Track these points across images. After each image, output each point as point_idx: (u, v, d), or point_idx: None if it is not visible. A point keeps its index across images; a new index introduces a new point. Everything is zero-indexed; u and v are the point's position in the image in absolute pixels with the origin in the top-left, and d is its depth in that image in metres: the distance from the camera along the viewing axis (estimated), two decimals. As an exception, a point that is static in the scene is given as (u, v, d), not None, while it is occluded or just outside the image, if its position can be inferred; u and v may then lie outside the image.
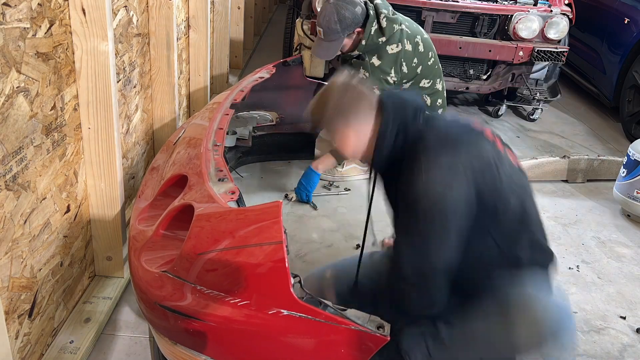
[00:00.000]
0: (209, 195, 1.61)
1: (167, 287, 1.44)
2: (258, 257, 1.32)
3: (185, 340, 1.42)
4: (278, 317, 1.30)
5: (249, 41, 5.55)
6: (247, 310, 1.32)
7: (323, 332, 1.29)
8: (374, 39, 2.74)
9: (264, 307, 1.31)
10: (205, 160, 1.83)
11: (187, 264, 1.42)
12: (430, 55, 2.87)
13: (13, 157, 1.40)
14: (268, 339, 1.34)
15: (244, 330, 1.34)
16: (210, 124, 2.15)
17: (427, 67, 2.87)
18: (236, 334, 1.35)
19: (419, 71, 2.84)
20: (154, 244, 1.67)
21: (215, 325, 1.34)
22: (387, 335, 1.27)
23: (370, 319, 1.29)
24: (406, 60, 2.79)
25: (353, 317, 1.29)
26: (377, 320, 1.28)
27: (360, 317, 1.29)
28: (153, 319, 1.51)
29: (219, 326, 1.35)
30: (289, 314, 1.29)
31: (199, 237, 1.45)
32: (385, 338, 1.26)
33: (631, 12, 4.40)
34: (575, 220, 3.02)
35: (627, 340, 2.15)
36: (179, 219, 1.69)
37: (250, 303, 1.32)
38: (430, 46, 2.89)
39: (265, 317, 1.31)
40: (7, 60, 1.34)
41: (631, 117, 4.23)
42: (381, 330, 1.27)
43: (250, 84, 2.80)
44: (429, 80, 2.89)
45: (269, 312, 1.30)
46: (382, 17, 2.72)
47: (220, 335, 1.36)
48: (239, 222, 1.45)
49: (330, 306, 1.31)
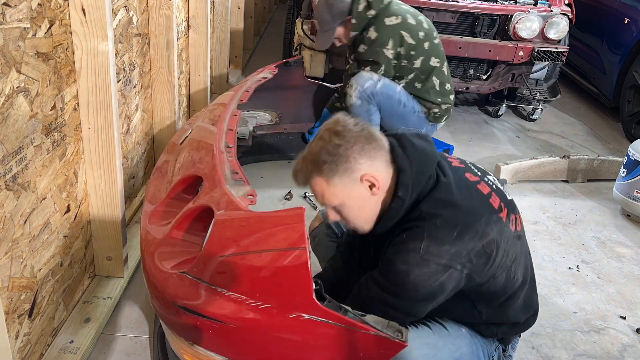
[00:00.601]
0: (227, 198, 1.60)
1: (187, 288, 1.45)
2: (281, 261, 1.33)
3: (204, 341, 1.43)
4: (299, 320, 1.31)
5: (249, 41, 5.55)
6: (268, 313, 1.33)
7: (342, 336, 1.31)
8: (362, 15, 2.81)
9: (285, 310, 1.32)
10: (219, 162, 1.82)
11: (209, 266, 1.42)
12: (435, 35, 2.90)
13: (13, 157, 1.40)
14: (288, 343, 1.35)
15: (264, 333, 1.35)
16: (220, 125, 2.13)
17: (435, 46, 2.89)
18: (256, 337, 1.36)
19: (426, 47, 2.84)
20: (169, 244, 1.67)
21: (236, 327, 1.36)
22: (406, 340, 1.26)
23: (389, 324, 1.29)
24: (410, 32, 2.79)
25: (372, 322, 1.29)
26: (396, 326, 1.28)
27: (380, 323, 1.30)
28: (170, 318, 1.52)
29: (239, 328, 1.36)
30: (310, 318, 1.30)
31: (221, 240, 1.45)
32: (404, 344, 1.26)
33: (631, 12, 4.40)
34: (575, 220, 3.02)
35: (627, 340, 2.15)
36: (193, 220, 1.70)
37: (272, 306, 1.33)
38: (434, 28, 2.94)
39: (286, 321, 1.32)
40: (7, 60, 1.34)
41: (631, 117, 4.24)
42: (399, 336, 1.27)
43: (254, 84, 2.80)
44: (438, 60, 2.89)
45: (290, 316, 1.31)
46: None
47: (240, 337, 1.37)
48: (262, 227, 1.45)
49: (350, 311, 1.32)
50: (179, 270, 1.51)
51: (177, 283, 1.48)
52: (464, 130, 4.15)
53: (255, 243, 1.40)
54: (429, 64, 2.87)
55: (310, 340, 1.34)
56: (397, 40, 2.78)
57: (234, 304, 1.36)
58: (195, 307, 1.40)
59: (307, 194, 2.95)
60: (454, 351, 1.46)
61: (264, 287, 1.35)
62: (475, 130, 4.23)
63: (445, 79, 2.95)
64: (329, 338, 1.31)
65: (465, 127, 4.22)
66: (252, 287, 1.35)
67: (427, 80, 2.89)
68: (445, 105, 2.97)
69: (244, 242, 1.42)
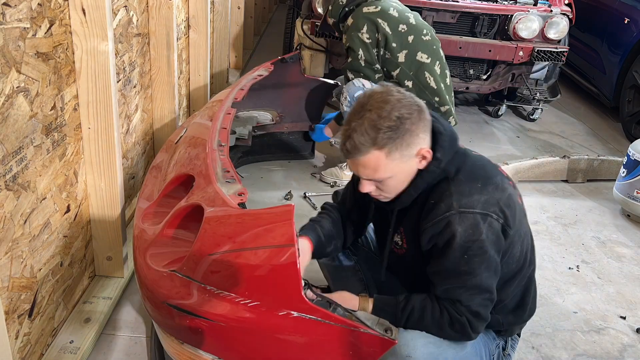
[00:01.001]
0: (218, 196, 1.60)
1: (176, 286, 1.45)
2: (270, 259, 1.33)
3: (193, 340, 1.42)
4: (288, 318, 1.31)
5: (249, 41, 5.55)
6: (258, 311, 1.33)
7: (332, 334, 1.30)
8: (337, 2, 2.94)
9: (274, 308, 1.32)
10: (211, 160, 1.82)
11: (198, 264, 1.42)
12: (424, 32, 2.88)
13: (13, 157, 1.40)
14: (277, 340, 1.35)
15: (253, 330, 1.35)
16: (214, 123, 2.14)
17: (422, 42, 2.85)
18: (245, 334, 1.36)
19: (410, 40, 2.82)
20: (160, 243, 1.67)
21: (225, 325, 1.35)
22: (395, 338, 1.27)
23: (379, 322, 1.30)
24: (389, 23, 2.79)
25: (363, 318, 1.29)
26: (386, 323, 1.29)
27: (370, 319, 1.30)
28: (160, 317, 1.52)
29: (228, 326, 1.36)
30: (299, 315, 1.30)
31: (210, 238, 1.45)
32: (393, 341, 1.26)
33: (631, 12, 4.40)
34: (575, 220, 3.02)
35: (627, 340, 2.15)
36: (185, 218, 1.69)
37: (261, 304, 1.33)
38: (425, 25, 2.94)
39: (275, 318, 1.32)
40: (7, 60, 1.34)
41: (631, 117, 4.24)
42: (389, 334, 1.27)
43: (249, 82, 2.80)
44: (427, 57, 2.84)
45: (279, 314, 1.31)
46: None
47: (229, 335, 1.37)
48: (251, 224, 1.45)
49: (339, 308, 1.31)
50: (170, 268, 1.50)
51: (167, 282, 1.48)
52: (464, 130, 4.15)
53: (244, 241, 1.40)
54: (415, 58, 2.82)
55: (299, 337, 1.33)
56: (372, 27, 2.77)
57: (224, 302, 1.36)
58: (185, 306, 1.40)
59: (306, 193, 2.95)
60: (458, 350, 1.46)
61: (253, 285, 1.34)
62: (475, 130, 4.23)
63: (439, 77, 2.88)
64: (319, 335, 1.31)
65: (465, 127, 4.22)
66: (242, 285, 1.35)
67: (417, 78, 2.83)
68: (444, 106, 2.89)
69: (233, 240, 1.42)
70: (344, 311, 1.32)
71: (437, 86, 2.86)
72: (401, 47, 2.81)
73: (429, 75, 2.84)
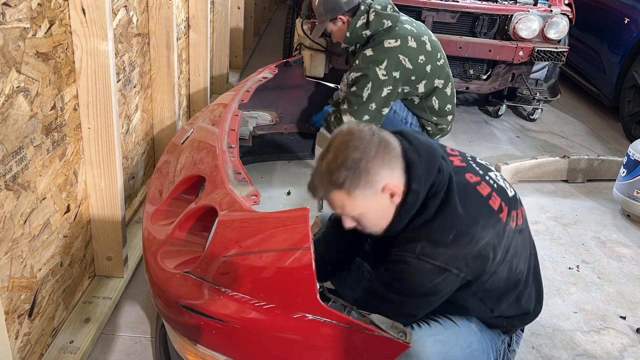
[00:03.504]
0: (231, 198, 1.60)
1: (190, 287, 1.45)
2: (285, 262, 1.33)
3: (207, 341, 1.43)
4: (303, 321, 1.31)
5: (249, 41, 5.55)
6: (272, 313, 1.33)
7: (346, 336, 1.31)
8: (358, 32, 2.78)
9: (289, 310, 1.32)
10: (222, 162, 1.82)
11: (212, 266, 1.42)
12: (439, 56, 2.86)
13: (13, 157, 1.40)
14: (291, 343, 1.35)
15: (267, 332, 1.35)
16: (222, 125, 2.13)
17: (438, 67, 2.85)
18: (260, 337, 1.36)
19: (428, 70, 2.80)
20: (171, 244, 1.67)
21: (239, 327, 1.36)
22: (409, 342, 1.26)
23: (394, 325, 1.29)
24: (409, 57, 2.75)
25: (377, 321, 1.29)
26: (400, 326, 1.29)
27: (384, 323, 1.30)
28: (172, 318, 1.52)
29: (242, 328, 1.36)
30: (314, 318, 1.30)
31: (225, 240, 1.45)
32: (407, 345, 1.26)
33: (631, 12, 4.40)
34: (575, 220, 3.02)
35: (627, 340, 2.15)
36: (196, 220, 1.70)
37: (276, 306, 1.33)
38: (439, 48, 2.88)
39: (290, 321, 1.32)
40: (7, 60, 1.34)
41: (631, 117, 4.24)
42: (403, 337, 1.27)
43: (254, 84, 2.80)
44: (441, 81, 2.87)
45: (294, 316, 1.31)
46: (371, 12, 2.74)
47: (244, 337, 1.38)
48: (266, 227, 1.45)
49: (354, 311, 1.32)
50: (182, 270, 1.51)
51: (180, 283, 1.48)
52: (464, 130, 4.15)
53: (259, 243, 1.40)
54: (433, 85, 2.85)
55: (314, 340, 1.34)
56: (394, 63, 2.71)
57: (238, 304, 1.36)
58: (199, 307, 1.40)
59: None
60: (465, 347, 1.46)
61: (268, 287, 1.35)
62: (475, 130, 4.23)
63: (446, 100, 2.90)
64: (333, 338, 1.31)
65: (465, 127, 4.22)
66: (256, 287, 1.35)
67: (425, 99, 2.87)
68: (441, 125, 2.94)
69: (248, 242, 1.42)
70: (358, 314, 1.32)
71: (440, 108, 2.90)
72: (419, 79, 2.81)
73: (435, 98, 2.87)
